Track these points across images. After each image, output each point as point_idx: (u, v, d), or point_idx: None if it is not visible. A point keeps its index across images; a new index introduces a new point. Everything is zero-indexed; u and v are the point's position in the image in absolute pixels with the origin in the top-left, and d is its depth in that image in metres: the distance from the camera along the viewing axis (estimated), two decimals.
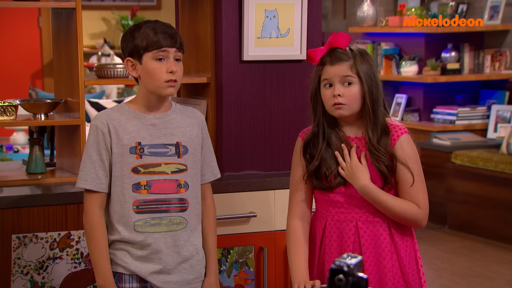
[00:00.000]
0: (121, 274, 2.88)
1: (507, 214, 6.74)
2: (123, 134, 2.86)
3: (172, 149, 2.90)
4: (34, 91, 4.03)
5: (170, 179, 2.88)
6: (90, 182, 2.85)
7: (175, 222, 2.89)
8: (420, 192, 2.86)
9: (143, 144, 2.87)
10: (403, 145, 2.84)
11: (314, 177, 2.89)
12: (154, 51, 2.84)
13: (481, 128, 7.73)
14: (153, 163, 2.87)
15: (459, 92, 7.91)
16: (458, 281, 5.79)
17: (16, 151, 7.47)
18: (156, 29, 2.85)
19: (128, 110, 2.90)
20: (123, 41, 2.91)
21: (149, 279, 2.87)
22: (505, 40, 7.86)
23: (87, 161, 2.86)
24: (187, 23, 3.98)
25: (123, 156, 2.85)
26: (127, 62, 2.89)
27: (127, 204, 2.85)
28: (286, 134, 3.82)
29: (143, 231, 2.86)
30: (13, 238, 3.34)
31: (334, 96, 2.81)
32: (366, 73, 2.82)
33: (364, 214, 2.85)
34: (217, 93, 3.78)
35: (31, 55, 10.08)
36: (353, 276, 1.84)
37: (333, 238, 2.89)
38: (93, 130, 2.87)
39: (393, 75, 8.08)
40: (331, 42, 2.87)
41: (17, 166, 4.04)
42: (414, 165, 2.85)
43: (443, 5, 7.84)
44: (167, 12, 10.03)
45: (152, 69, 2.85)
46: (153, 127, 2.89)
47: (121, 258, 2.87)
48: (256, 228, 3.63)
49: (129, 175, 2.85)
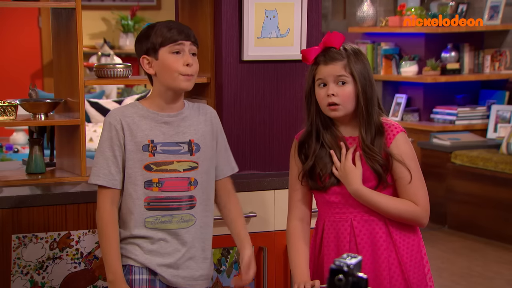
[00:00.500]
0: (131, 266, 2.90)
1: (507, 214, 6.75)
2: (137, 131, 2.89)
3: (185, 147, 2.92)
4: (34, 91, 4.03)
5: (182, 177, 2.91)
6: (103, 178, 2.88)
7: (186, 219, 2.92)
8: (419, 189, 2.85)
9: (156, 142, 2.89)
10: (399, 143, 2.84)
11: (309, 177, 2.89)
12: (170, 45, 2.88)
13: (481, 128, 7.73)
14: (165, 161, 2.89)
15: (459, 92, 7.92)
16: (458, 281, 5.79)
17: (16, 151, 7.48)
18: (170, 26, 2.91)
19: (142, 108, 2.93)
20: (138, 43, 2.95)
21: (158, 271, 2.90)
22: (505, 40, 7.86)
23: (100, 157, 2.89)
24: (187, 23, 3.98)
25: (136, 153, 2.88)
26: (143, 60, 2.92)
27: (139, 201, 2.88)
28: (286, 134, 3.81)
29: (153, 227, 2.89)
30: (13, 238, 3.34)
31: (328, 95, 2.81)
32: (360, 73, 2.82)
33: (359, 213, 2.85)
34: (217, 93, 3.78)
35: (31, 55, 10.08)
36: (353, 276, 1.84)
37: (330, 238, 2.89)
38: (107, 127, 2.90)
39: (393, 75, 8.08)
40: (325, 41, 2.87)
41: (17, 166, 4.04)
42: (411, 163, 2.84)
43: (443, 5, 7.84)
44: (167, 12, 10.03)
45: (169, 62, 2.88)
46: (166, 125, 2.92)
47: (131, 251, 2.90)
48: (256, 228, 3.63)
49: (142, 172, 2.88)
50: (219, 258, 3.59)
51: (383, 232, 2.85)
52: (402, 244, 2.87)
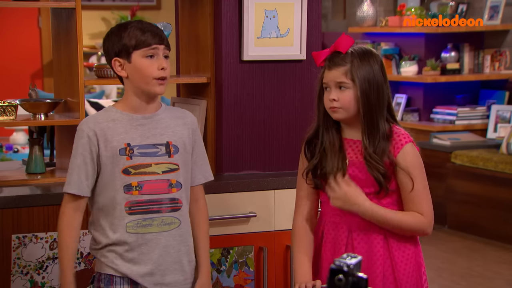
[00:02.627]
0: (112, 276, 2.86)
1: (507, 214, 6.74)
2: (112, 136, 2.84)
3: (163, 149, 2.88)
4: (34, 91, 4.03)
5: (162, 179, 2.87)
6: (73, 186, 2.85)
7: (167, 222, 2.88)
8: (424, 199, 2.82)
9: (133, 145, 2.85)
10: (406, 155, 2.82)
11: (313, 176, 2.89)
12: (144, 49, 2.83)
13: (481, 128, 7.73)
14: (143, 164, 2.85)
15: (459, 92, 7.91)
16: (458, 281, 5.79)
17: (16, 151, 7.47)
18: (143, 28, 2.84)
19: (116, 112, 2.88)
20: (108, 42, 2.88)
21: (140, 281, 2.86)
22: (505, 40, 7.86)
23: (71, 165, 2.87)
24: (187, 23, 3.98)
25: (113, 158, 2.83)
26: (115, 62, 2.86)
27: (119, 206, 2.84)
28: (286, 134, 3.82)
29: (134, 232, 2.85)
30: (13, 238, 3.34)
31: (330, 100, 2.82)
32: (363, 77, 2.79)
33: (358, 217, 2.83)
34: (217, 93, 3.78)
35: (31, 55, 10.08)
36: (353, 276, 1.84)
37: (329, 239, 2.89)
38: (79, 134, 2.85)
39: (393, 75, 8.08)
40: (334, 45, 2.86)
41: (17, 166, 4.04)
42: (418, 174, 2.83)
43: (443, 5, 7.84)
44: (167, 12, 10.03)
45: (143, 66, 2.83)
46: (141, 127, 2.88)
47: (111, 260, 2.86)
48: (256, 228, 3.63)
49: (120, 177, 2.83)
50: (219, 258, 3.59)
51: (380, 239, 2.84)
52: (398, 253, 2.85)
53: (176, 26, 4.07)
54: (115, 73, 2.90)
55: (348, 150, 2.86)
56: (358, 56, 2.81)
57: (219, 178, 3.70)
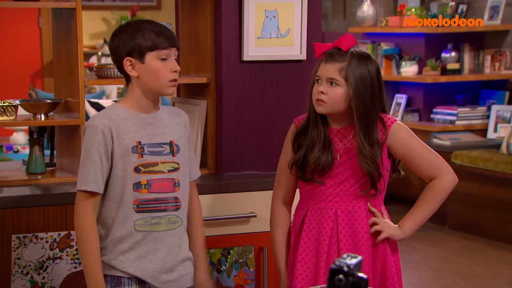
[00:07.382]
0: (120, 277, 2.86)
1: (507, 214, 6.74)
2: (124, 133, 2.85)
3: (167, 148, 2.91)
4: (34, 91, 4.03)
5: (167, 178, 2.89)
6: (91, 183, 2.81)
7: (172, 221, 2.90)
8: (433, 159, 2.94)
9: (143, 144, 2.87)
10: (397, 133, 2.91)
11: (298, 167, 2.93)
12: (158, 51, 2.84)
13: (481, 128, 7.73)
14: (151, 162, 2.87)
15: (459, 92, 7.91)
16: (458, 281, 5.79)
17: (16, 151, 7.47)
18: (158, 31, 2.86)
19: (124, 110, 2.88)
20: (119, 40, 2.87)
21: (149, 280, 2.87)
22: (505, 40, 7.86)
23: (86, 162, 2.83)
24: (187, 23, 3.98)
25: (125, 155, 2.84)
26: (126, 61, 2.86)
27: (128, 204, 2.84)
28: (286, 134, 3.81)
29: (142, 230, 2.86)
30: (13, 238, 3.35)
31: (318, 92, 2.87)
32: (358, 78, 2.83)
33: (344, 203, 2.91)
34: (217, 93, 3.78)
35: (31, 55, 10.08)
36: (353, 276, 1.84)
37: (313, 225, 2.95)
38: (92, 130, 2.82)
39: (393, 75, 8.08)
40: (337, 41, 2.90)
41: (17, 166, 4.04)
42: (416, 142, 2.93)
43: (443, 5, 7.84)
44: (167, 12, 10.03)
45: (157, 69, 2.85)
46: (148, 126, 2.89)
47: (119, 261, 2.86)
48: (256, 228, 3.63)
49: (131, 175, 2.84)
50: (219, 258, 3.59)
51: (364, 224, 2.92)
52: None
53: (176, 26, 4.07)
54: (123, 71, 2.90)
55: (335, 139, 2.92)
56: (357, 57, 2.86)
57: (219, 178, 3.70)
